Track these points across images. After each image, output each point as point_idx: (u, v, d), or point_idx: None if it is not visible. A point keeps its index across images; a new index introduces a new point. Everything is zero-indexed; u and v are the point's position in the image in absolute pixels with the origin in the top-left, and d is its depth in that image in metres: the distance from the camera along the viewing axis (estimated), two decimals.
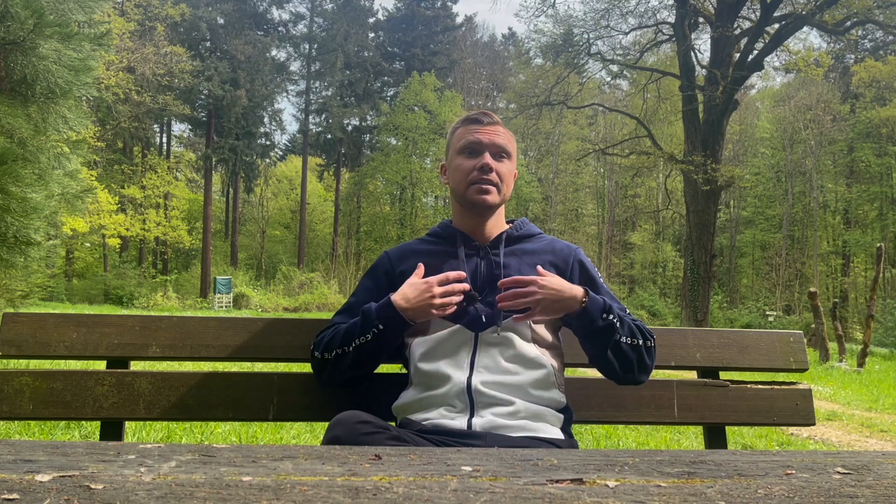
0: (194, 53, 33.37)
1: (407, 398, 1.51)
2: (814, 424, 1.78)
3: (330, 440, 1.23)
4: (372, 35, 43.33)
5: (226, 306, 26.65)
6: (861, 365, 10.66)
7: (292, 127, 66.85)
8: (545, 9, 22.22)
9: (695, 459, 0.91)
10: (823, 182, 35.25)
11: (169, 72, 29.28)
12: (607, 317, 1.44)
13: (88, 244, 31.39)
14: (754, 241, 37.86)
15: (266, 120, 40.05)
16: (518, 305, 1.43)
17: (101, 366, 1.67)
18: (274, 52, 38.27)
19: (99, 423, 1.65)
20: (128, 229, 30.64)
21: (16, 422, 3.68)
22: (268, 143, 40.60)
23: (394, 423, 1.50)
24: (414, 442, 1.31)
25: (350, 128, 42.39)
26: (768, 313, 29.25)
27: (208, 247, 33.96)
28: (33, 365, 4.82)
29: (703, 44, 35.45)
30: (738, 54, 18.97)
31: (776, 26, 18.66)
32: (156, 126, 37.57)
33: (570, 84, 23.69)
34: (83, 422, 3.60)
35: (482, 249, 1.59)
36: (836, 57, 30.65)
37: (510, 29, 63.30)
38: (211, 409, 1.64)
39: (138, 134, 33.91)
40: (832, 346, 12.68)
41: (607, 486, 0.75)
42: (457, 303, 1.47)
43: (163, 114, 33.09)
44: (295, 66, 42.27)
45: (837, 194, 35.33)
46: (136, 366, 1.72)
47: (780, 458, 0.93)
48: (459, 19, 45.33)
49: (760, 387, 1.77)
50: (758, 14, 18.66)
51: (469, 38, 45.94)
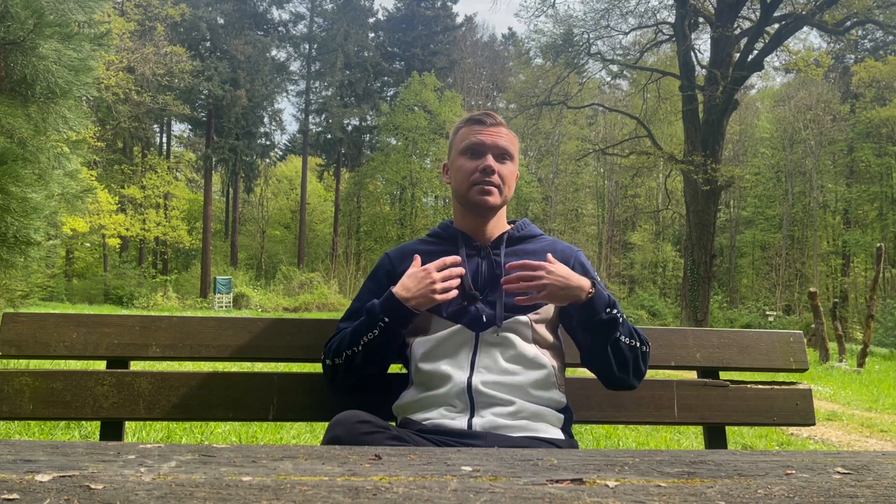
0: (194, 53, 33.37)
1: (407, 398, 1.51)
2: (814, 424, 1.78)
3: (330, 440, 1.23)
4: (372, 35, 43.33)
5: (226, 306, 26.65)
6: (861, 365, 10.66)
7: (292, 127, 66.94)
8: (545, 9, 22.24)
9: (695, 459, 0.91)
10: (823, 182, 35.24)
11: (169, 72, 29.28)
12: (611, 311, 1.44)
13: (88, 244, 31.39)
14: (754, 241, 37.85)
15: (266, 120, 40.06)
16: (523, 289, 1.43)
17: (101, 366, 1.67)
18: (274, 52, 38.28)
19: (99, 423, 1.65)
20: (128, 229, 30.65)
21: (16, 422, 3.68)
22: (268, 143, 40.60)
23: (394, 423, 1.50)
24: (414, 442, 1.31)
25: (350, 128, 42.40)
26: (768, 313, 29.24)
27: (208, 247, 33.96)
28: (33, 365, 4.82)
29: (703, 44, 35.49)
30: (738, 54, 18.97)
31: (776, 26, 18.66)
32: (156, 126, 37.58)
33: (570, 84, 23.68)
34: (83, 422, 3.60)
35: (483, 250, 1.59)
36: (836, 57, 30.66)
37: (510, 29, 63.36)
38: (211, 409, 1.64)
39: (138, 134, 33.91)
40: (832, 346, 12.68)
41: (607, 486, 0.75)
42: (458, 299, 1.47)
43: (163, 114, 33.09)
44: (295, 66, 42.33)
45: (837, 194, 35.33)
46: (136, 366, 1.72)
47: (780, 458, 0.93)
48: (459, 19, 45.36)
49: (760, 387, 1.77)
50: (758, 14, 18.66)
51: (469, 38, 45.94)
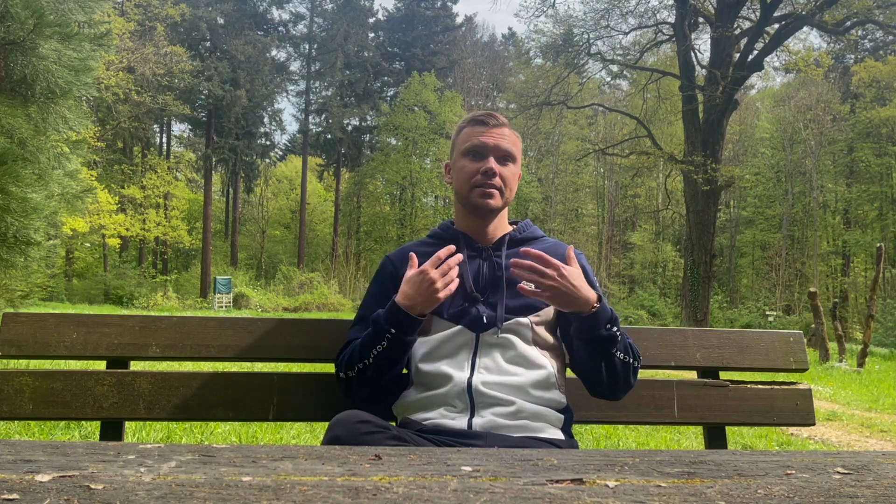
0: (194, 53, 33.36)
1: (407, 398, 1.51)
2: (814, 424, 1.78)
3: (330, 440, 1.23)
4: (372, 35, 43.33)
5: (226, 306, 26.65)
6: (861, 365, 10.66)
7: (292, 127, 66.96)
8: (545, 9, 22.25)
9: (695, 459, 0.91)
10: (823, 182, 35.24)
11: (169, 72, 29.27)
12: (611, 328, 1.42)
13: (88, 244, 31.38)
14: (754, 241, 37.84)
15: (266, 120, 40.05)
16: (529, 280, 1.40)
17: (101, 366, 1.67)
18: (274, 52, 38.27)
19: (99, 423, 1.65)
20: (128, 229, 30.64)
21: (16, 422, 3.68)
22: (268, 143, 40.60)
23: (394, 423, 1.50)
24: (414, 442, 1.31)
25: (350, 128, 42.39)
26: (768, 313, 29.23)
27: (208, 247, 33.95)
28: (33, 365, 4.82)
29: (703, 44, 35.50)
30: (738, 54, 18.97)
31: (776, 26, 18.66)
32: (156, 126, 37.57)
33: (570, 84, 23.68)
34: (83, 422, 3.60)
35: (484, 251, 1.59)
36: (836, 57, 30.63)
37: (510, 29, 63.37)
38: (211, 409, 1.64)
39: (138, 134, 33.90)
40: (832, 346, 12.68)
41: (607, 486, 0.75)
42: (459, 301, 1.47)
43: (163, 114, 33.08)
44: (295, 66, 42.32)
45: (837, 194, 35.32)
46: (136, 366, 1.72)
47: (780, 458, 0.93)
48: (459, 19, 45.38)
49: (760, 387, 1.77)
50: (758, 14, 18.67)
51: (469, 38, 45.95)
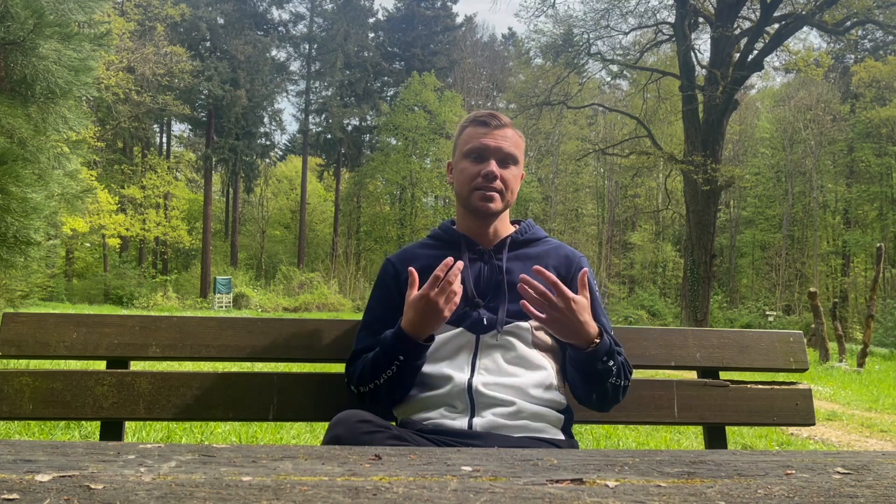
0: (194, 53, 33.36)
1: (408, 399, 1.51)
2: (814, 424, 1.78)
3: (331, 439, 1.23)
4: (372, 35, 43.33)
5: (226, 306, 26.64)
6: (861, 365, 10.66)
7: (292, 127, 66.96)
8: (545, 9, 22.25)
9: (695, 459, 0.91)
10: (823, 182, 35.23)
11: (169, 72, 29.27)
12: (607, 361, 1.41)
13: (88, 244, 31.38)
14: (754, 241, 37.84)
15: (266, 120, 40.05)
16: (535, 303, 1.36)
17: (101, 366, 1.67)
18: (274, 52, 38.27)
19: (99, 423, 1.65)
20: (128, 229, 30.64)
21: (16, 422, 3.68)
22: (268, 143, 40.60)
23: (394, 423, 1.50)
24: (414, 442, 1.31)
25: (350, 128, 42.39)
26: (768, 313, 29.23)
27: (208, 247, 33.95)
28: (33, 365, 4.82)
29: (703, 44, 35.49)
30: (738, 54, 18.97)
31: (776, 26, 18.67)
32: (156, 126, 37.57)
33: (570, 84, 23.68)
34: (83, 422, 3.60)
35: (486, 254, 1.58)
36: (836, 57, 30.63)
37: (510, 29, 63.36)
38: (211, 409, 1.64)
39: (138, 134, 33.90)
40: (832, 346, 12.68)
41: (607, 486, 0.75)
42: (460, 306, 1.46)
43: (163, 114, 33.08)
44: (295, 66, 42.32)
45: (837, 194, 35.32)
46: (136, 366, 1.72)
47: (780, 458, 0.93)
48: (459, 19, 45.38)
49: (760, 387, 1.77)
50: (758, 14, 18.67)
51: (469, 38, 45.94)
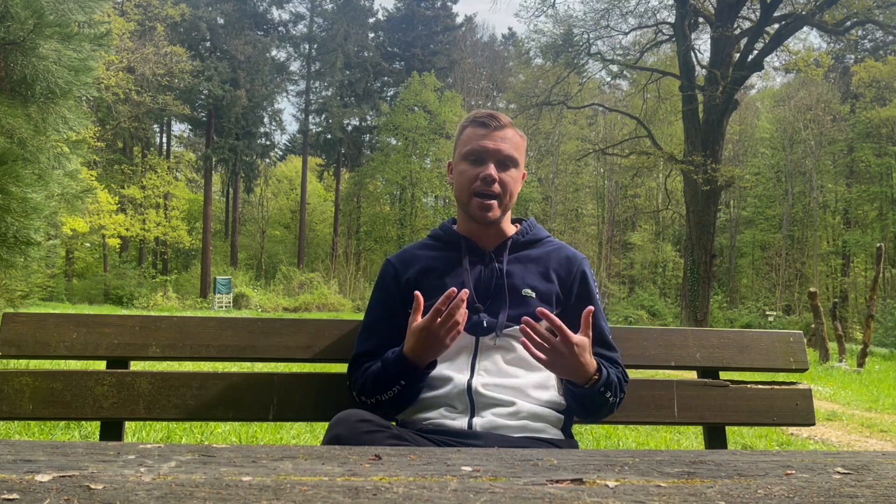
0: (194, 53, 33.35)
1: None
2: (814, 424, 1.78)
3: (331, 439, 1.23)
4: (372, 35, 43.32)
5: (226, 306, 26.64)
6: (861, 365, 10.66)
7: (292, 127, 66.96)
8: (545, 9, 22.25)
9: (695, 459, 0.91)
10: (823, 182, 35.22)
11: (169, 72, 29.27)
12: (605, 392, 1.42)
13: (88, 244, 31.37)
14: (754, 241, 37.83)
15: (266, 120, 40.05)
16: (535, 343, 1.33)
17: (101, 366, 1.67)
18: (274, 52, 38.26)
19: (99, 423, 1.65)
20: (128, 229, 30.63)
21: (16, 422, 3.68)
22: (268, 143, 40.60)
23: (394, 423, 1.50)
24: (414, 441, 1.31)
25: (350, 128, 42.39)
26: (768, 313, 29.23)
27: (208, 247, 33.95)
28: (33, 365, 4.82)
29: (703, 44, 35.51)
30: (738, 54, 18.97)
31: (776, 26, 18.67)
32: (156, 126, 37.56)
33: (570, 84, 23.67)
34: (83, 422, 3.60)
35: (486, 256, 1.58)
36: (836, 57, 30.63)
37: (510, 29, 63.37)
38: (211, 409, 1.64)
39: (138, 134, 33.90)
40: (832, 346, 12.68)
41: (607, 486, 0.75)
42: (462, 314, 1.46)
43: (163, 114, 33.07)
44: (295, 66, 42.32)
45: (837, 194, 35.31)
46: (136, 366, 1.72)
47: (780, 458, 0.93)
48: (459, 19, 45.37)
49: (760, 387, 1.77)
50: (758, 14, 18.67)
51: (469, 38, 45.94)
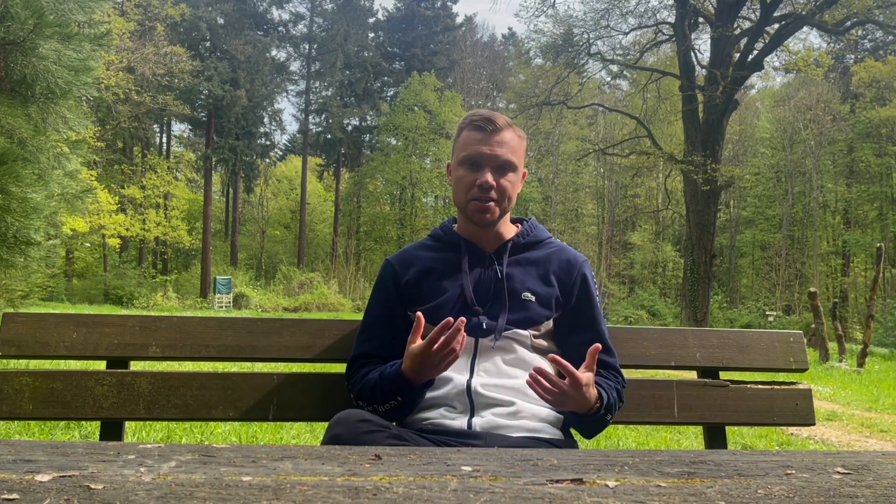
0: (194, 53, 33.35)
1: None
2: (814, 424, 1.78)
3: (331, 439, 1.23)
4: (372, 35, 43.31)
5: (226, 306, 26.64)
6: (861, 365, 10.66)
7: (292, 127, 66.94)
8: (545, 9, 22.26)
9: (695, 459, 0.91)
10: (823, 182, 35.22)
11: (169, 72, 29.26)
12: (605, 415, 1.44)
13: (88, 244, 31.37)
14: (754, 241, 37.83)
15: (266, 120, 40.04)
16: (545, 388, 1.33)
17: (101, 366, 1.67)
18: (274, 52, 38.26)
19: (99, 423, 1.65)
20: (128, 229, 30.63)
21: (16, 422, 3.68)
22: (268, 143, 40.59)
23: (394, 423, 1.50)
24: (414, 441, 1.31)
25: (350, 128, 42.38)
26: (768, 313, 29.22)
27: (208, 247, 33.95)
28: (33, 365, 4.82)
29: (703, 44, 35.46)
30: (738, 54, 18.97)
31: (776, 26, 18.67)
32: (156, 126, 37.56)
33: (570, 84, 23.67)
34: (83, 422, 3.60)
35: (486, 259, 1.57)
36: (836, 57, 30.61)
37: (510, 29, 63.37)
38: (211, 409, 1.63)
39: (138, 134, 33.90)
40: (832, 346, 12.67)
41: (607, 486, 0.75)
42: (460, 314, 1.46)
43: (163, 114, 33.07)
44: (295, 66, 42.31)
45: (837, 194, 35.31)
46: (136, 366, 1.72)
47: (780, 458, 0.93)
48: (459, 19, 45.35)
49: (760, 387, 1.77)
50: (758, 14, 18.67)
51: (469, 38, 45.93)
